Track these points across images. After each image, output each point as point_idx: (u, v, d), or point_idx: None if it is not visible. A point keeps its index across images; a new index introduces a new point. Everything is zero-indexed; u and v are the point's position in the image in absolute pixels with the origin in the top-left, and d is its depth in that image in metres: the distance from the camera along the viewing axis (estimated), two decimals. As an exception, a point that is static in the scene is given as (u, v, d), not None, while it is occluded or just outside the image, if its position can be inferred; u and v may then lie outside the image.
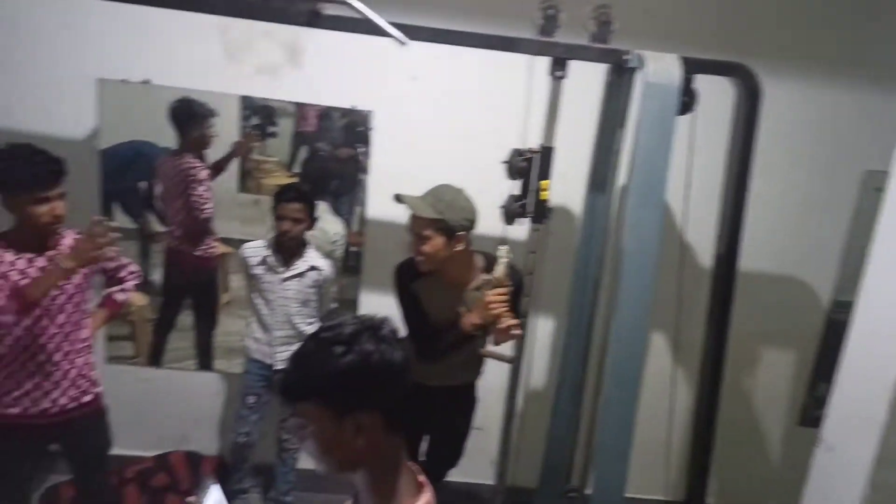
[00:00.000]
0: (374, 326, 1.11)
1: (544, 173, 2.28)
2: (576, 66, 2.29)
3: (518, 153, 2.29)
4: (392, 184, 2.91)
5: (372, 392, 1.08)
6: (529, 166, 2.27)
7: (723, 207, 2.51)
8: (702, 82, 2.25)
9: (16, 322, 2.09)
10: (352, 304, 3.06)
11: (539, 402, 3.08)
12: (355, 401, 1.07)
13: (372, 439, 1.08)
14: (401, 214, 2.94)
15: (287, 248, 2.72)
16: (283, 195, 2.67)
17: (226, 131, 2.88)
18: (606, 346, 2.57)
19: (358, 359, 1.06)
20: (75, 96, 2.75)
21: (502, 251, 2.19)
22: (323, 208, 2.91)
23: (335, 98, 2.84)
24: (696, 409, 2.82)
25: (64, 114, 2.77)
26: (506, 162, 2.33)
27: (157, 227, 2.99)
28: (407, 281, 2.31)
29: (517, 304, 2.33)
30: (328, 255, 2.90)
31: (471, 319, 2.20)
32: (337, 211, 2.99)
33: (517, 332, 2.22)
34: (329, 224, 2.97)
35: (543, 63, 2.30)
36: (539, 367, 3.13)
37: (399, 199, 2.18)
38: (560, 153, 2.33)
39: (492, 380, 2.63)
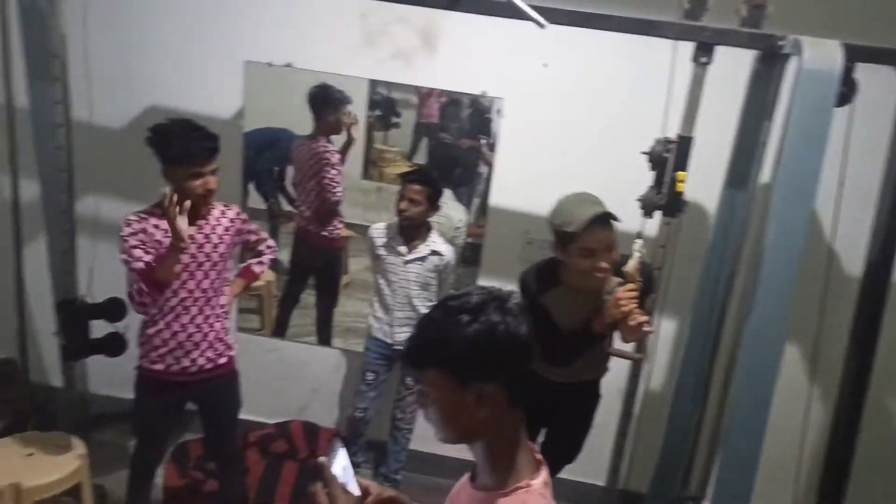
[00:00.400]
0: (500, 298, 1.10)
1: (681, 164, 2.18)
2: (719, 53, 2.18)
3: (662, 142, 2.20)
4: (518, 174, 2.92)
5: (496, 363, 1.07)
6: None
7: (878, 211, 2.31)
8: (861, 71, 2.07)
9: (153, 301, 2.27)
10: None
11: (656, 405, 2.96)
12: (478, 371, 1.07)
13: (493, 411, 1.08)
14: (523, 206, 2.94)
15: (410, 231, 2.77)
16: (407, 176, 2.76)
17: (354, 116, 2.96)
18: (736, 352, 2.44)
19: (483, 329, 1.06)
20: (225, 78, 2.93)
21: (636, 245, 2.11)
22: (448, 195, 2.93)
23: (465, 85, 2.86)
24: (832, 426, 2.61)
25: (214, 95, 2.95)
26: (647, 152, 2.25)
27: (287, 208, 3.13)
28: (537, 294, 2.22)
29: (645, 300, 2.24)
30: (450, 241, 2.93)
31: (600, 319, 2.13)
32: (458, 200, 3.02)
33: (648, 329, 2.13)
34: (453, 211, 3.00)
35: (685, 49, 2.20)
36: (659, 367, 3.02)
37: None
38: (697, 144, 2.23)
39: (609, 378, 2.55)
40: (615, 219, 2.08)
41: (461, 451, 1.12)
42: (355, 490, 1.17)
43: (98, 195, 3.03)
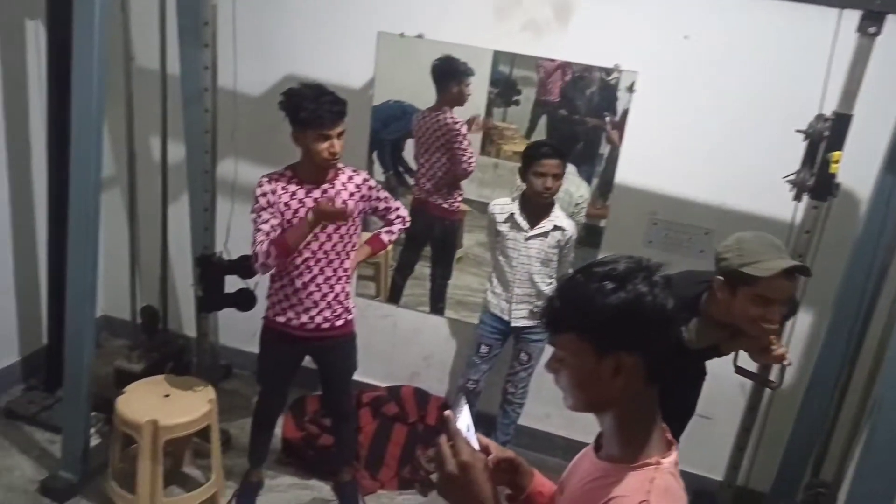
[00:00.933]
0: (649, 268, 1.06)
1: (836, 144, 2.01)
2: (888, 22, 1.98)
3: (822, 119, 2.03)
4: (648, 151, 2.80)
5: (638, 334, 1.03)
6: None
7: None
8: None
9: (280, 264, 2.38)
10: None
11: (784, 401, 2.77)
12: (619, 340, 1.03)
13: (629, 383, 1.04)
14: (650, 184, 2.82)
15: (536, 206, 2.70)
16: (540, 151, 2.60)
17: (477, 89, 2.95)
18: (884, 353, 2.24)
19: (629, 298, 1.02)
20: (358, 49, 2.98)
21: None
22: (571, 170, 2.86)
23: (596, 58, 2.76)
24: None
25: (348, 64, 3.01)
26: (805, 130, 2.08)
27: (407, 179, 3.16)
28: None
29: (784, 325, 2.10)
30: (570, 216, 2.86)
31: (733, 345, 2.03)
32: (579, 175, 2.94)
33: (787, 363, 2.00)
34: (573, 186, 2.93)
35: (849, 18, 2.02)
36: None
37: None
38: (853, 123, 2.05)
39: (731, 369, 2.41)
40: (809, 273, 1.88)
41: (570, 430, 1.09)
42: (476, 447, 1.17)
43: (237, 158, 3.20)
